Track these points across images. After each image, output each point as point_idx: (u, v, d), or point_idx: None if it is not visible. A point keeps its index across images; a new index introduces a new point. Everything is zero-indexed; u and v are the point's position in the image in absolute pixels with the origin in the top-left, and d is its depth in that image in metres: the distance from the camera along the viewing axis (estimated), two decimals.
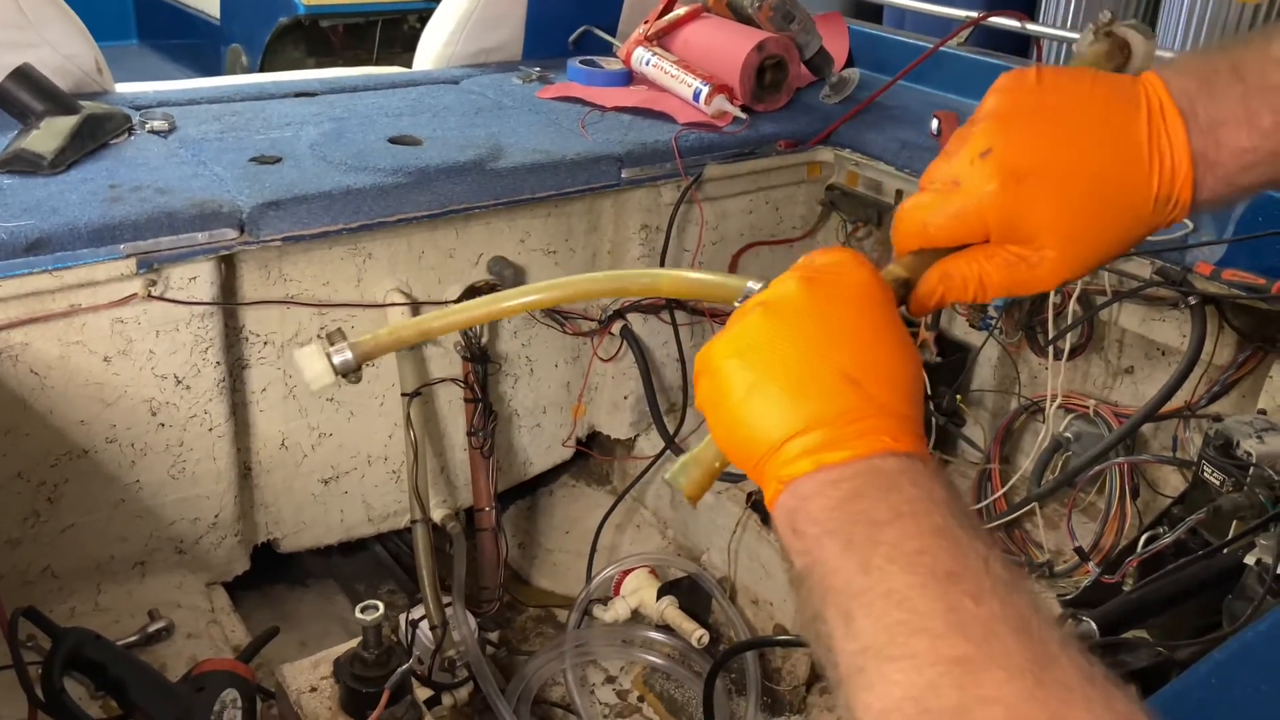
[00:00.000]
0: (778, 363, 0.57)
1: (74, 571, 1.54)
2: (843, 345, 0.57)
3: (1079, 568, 1.65)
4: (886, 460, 0.54)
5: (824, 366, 0.56)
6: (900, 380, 0.57)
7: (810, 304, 0.58)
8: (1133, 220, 0.61)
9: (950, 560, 0.49)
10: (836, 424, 0.55)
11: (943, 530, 0.51)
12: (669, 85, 2.00)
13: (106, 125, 1.62)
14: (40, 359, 1.40)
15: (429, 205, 1.62)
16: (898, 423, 0.55)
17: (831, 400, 0.55)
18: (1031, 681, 0.44)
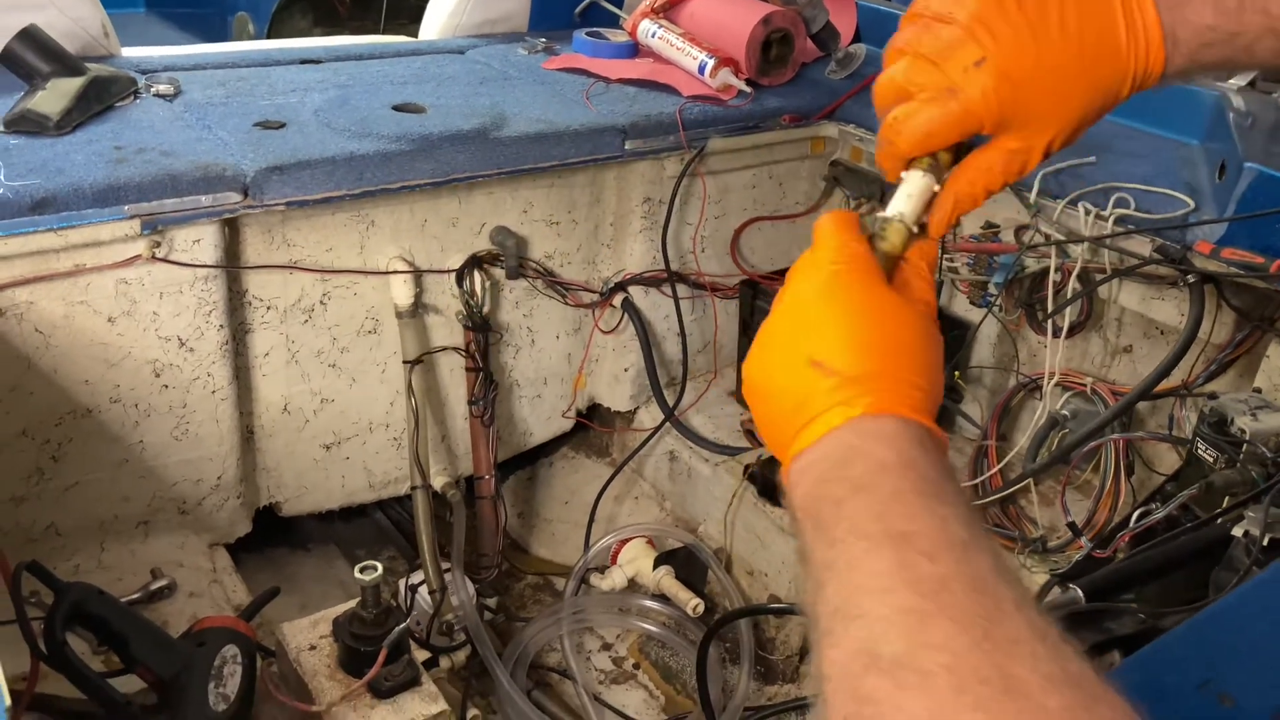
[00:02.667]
0: (766, 367, 0.63)
1: (78, 529, 1.56)
2: (809, 333, 0.61)
3: (1072, 543, 1.66)
4: (844, 433, 0.57)
5: (793, 359, 0.60)
6: (871, 345, 0.59)
7: (785, 303, 0.64)
8: (1112, 98, 0.66)
9: (905, 522, 0.51)
10: (802, 412, 0.59)
11: (899, 495, 0.53)
12: (674, 58, 2.00)
13: (112, 88, 1.62)
14: (45, 318, 1.41)
15: (432, 173, 1.63)
16: (863, 386, 0.58)
17: (797, 390, 0.60)
18: (979, 634, 0.45)
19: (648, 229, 1.94)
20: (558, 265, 1.92)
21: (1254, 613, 0.62)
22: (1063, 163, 1.72)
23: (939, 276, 1.85)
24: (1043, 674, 0.44)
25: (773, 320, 0.64)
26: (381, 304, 1.74)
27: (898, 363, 0.59)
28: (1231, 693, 0.57)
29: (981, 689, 0.43)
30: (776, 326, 0.63)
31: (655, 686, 1.82)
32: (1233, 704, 0.57)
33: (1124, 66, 0.64)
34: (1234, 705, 0.57)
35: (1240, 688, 0.58)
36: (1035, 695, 0.43)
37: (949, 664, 0.44)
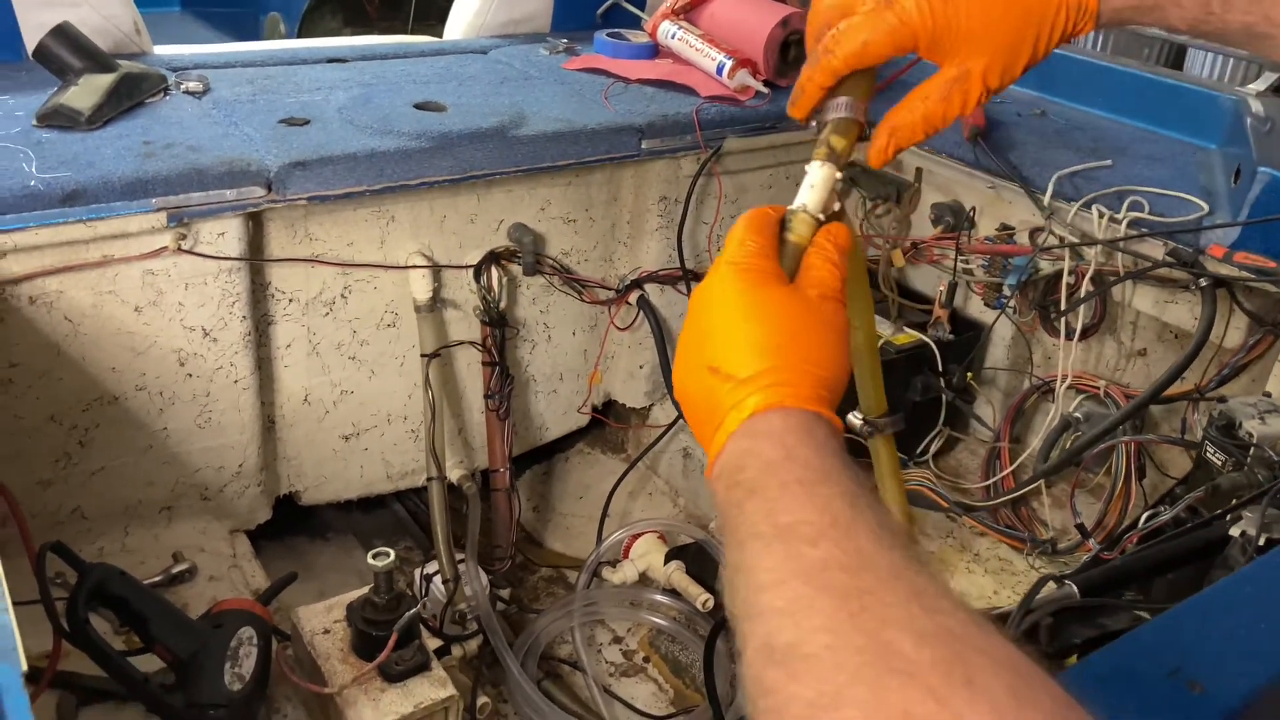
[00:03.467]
0: (680, 377, 0.66)
1: (103, 513, 1.60)
2: (705, 340, 0.64)
3: (1081, 545, 1.66)
4: (739, 437, 0.59)
5: (697, 367, 0.63)
6: (757, 344, 0.61)
7: (689, 310, 0.67)
8: (1047, 26, 0.68)
9: (790, 514, 0.53)
10: (711, 420, 0.62)
11: (785, 488, 0.55)
12: (693, 59, 2.02)
13: (143, 84, 1.67)
14: (74, 307, 1.46)
15: (451, 170, 1.66)
16: (752, 386, 0.60)
17: (704, 399, 0.63)
18: (856, 607, 0.47)
19: (664, 227, 1.97)
20: (574, 262, 1.95)
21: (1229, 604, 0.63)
22: (1079, 165, 1.73)
23: (953, 278, 1.86)
24: (916, 632, 0.45)
25: (683, 328, 0.67)
26: (401, 298, 1.77)
27: (785, 357, 0.61)
28: (1201, 680, 0.59)
29: (858, 660, 0.45)
30: (684, 335, 0.67)
31: (664, 680, 1.84)
32: (1202, 690, 0.58)
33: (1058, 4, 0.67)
34: (1203, 692, 0.58)
35: (1210, 676, 0.59)
36: (908, 654, 0.44)
37: (829, 643, 0.46)
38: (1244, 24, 0.67)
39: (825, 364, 0.62)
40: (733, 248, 0.67)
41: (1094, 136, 1.87)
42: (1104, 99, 2.00)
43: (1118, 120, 1.95)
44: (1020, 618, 0.88)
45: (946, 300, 1.89)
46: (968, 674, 0.43)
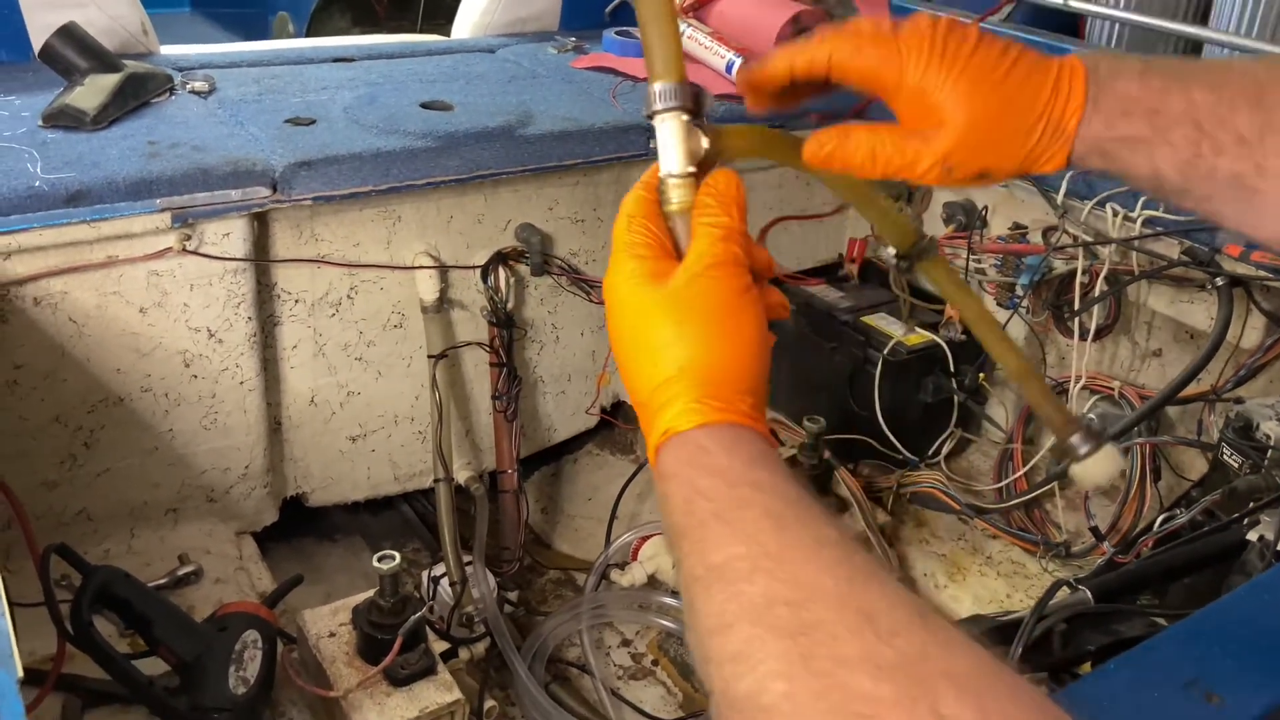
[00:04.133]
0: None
1: (108, 515, 1.59)
2: (617, 358, 0.62)
3: (1095, 548, 1.64)
4: (663, 461, 0.56)
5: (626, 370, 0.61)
6: (642, 360, 0.58)
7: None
8: (1023, 132, 0.64)
9: (716, 552, 0.51)
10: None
11: (704, 526, 0.52)
12: (702, 57, 2.01)
13: (148, 84, 1.66)
14: (79, 308, 1.45)
15: (457, 169, 1.65)
16: (651, 412, 0.58)
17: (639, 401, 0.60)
18: (806, 645, 0.45)
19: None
20: (582, 262, 1.94)
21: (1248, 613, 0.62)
22: None
23: (965, 277, 1.84)
24: (873, 666, 0.43)
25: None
26: (407, 299, 1.76)
27: (670, 366, 0.57)
28: (1219, 691, 0.57)
29: (817, 706, 0.43)
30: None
31: (673, 683, 1.82)
32: (1220, 702, 0.57)
33: (1043, 94, 0.64)
34: (1221, 704, 0.56)
35: (1229, 688, 0.57)
36: (869, 692, 0.42)
37: (786, 691, 0.44)
38: (1234, 173, 0.62)
39: (716, 355, 0.57)
40: (617, 245, 0.63)
41: None
42: None
43: None
44: (1033, 624, 0.86)
45: None
46: (933, 704, 0.41)
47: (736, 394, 0.57)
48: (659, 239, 0.62)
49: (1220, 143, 0.62)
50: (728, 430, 0.56)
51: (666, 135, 0.63)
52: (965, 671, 0.43)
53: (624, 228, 0.63)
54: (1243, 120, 0.61)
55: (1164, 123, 0.63)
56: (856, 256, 2.05)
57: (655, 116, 0.64)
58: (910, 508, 1.81)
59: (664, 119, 0.63)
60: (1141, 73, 0.64)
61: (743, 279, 0.60)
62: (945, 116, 0.63)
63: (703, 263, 0.59)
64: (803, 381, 1.98)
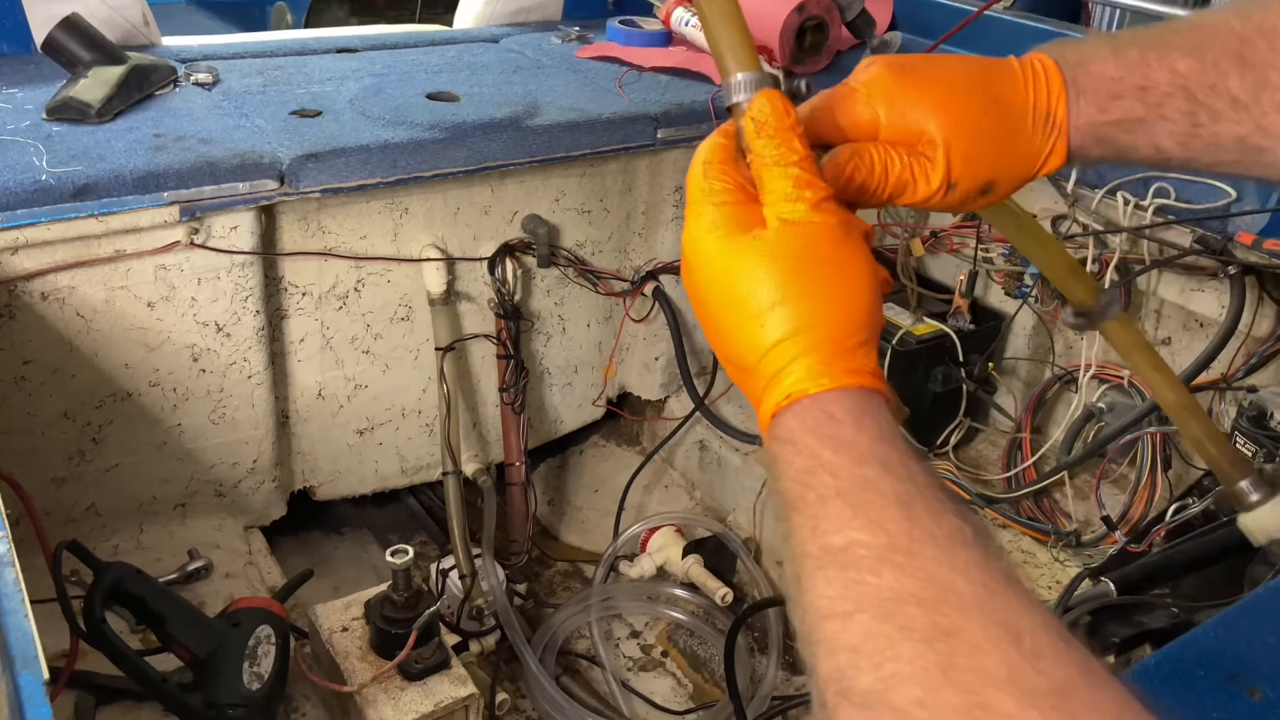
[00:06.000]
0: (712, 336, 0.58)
1: (117, 510, 1.59)
2: (705, 322, 0.56)
3: (1106, 537, 1.64)
4: (768, 444, 0.53)
5: (716, 349, 0.57)
6: (744, 320, 0.53)
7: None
8: (1015, 134, 0.62)
9: (837, 535, 0.47)
10: (750, 387, 0.55)
11: (825, 503, 0.48)
12: (707, 47, 1.99)
13: (152, 76, 1.65)
14: (86, 302, 1.44)
15: (464, 161, 1.64)
16: (761, 378, 0.53)
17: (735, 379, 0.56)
18: (945, 652, 0.42)
19: (679, 218, 1.94)
20: (589, 254, 1.93)
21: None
22: None
23: (973, 267, 1.83)
24: (1020, 690, 0.40)
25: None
26: (414, 291, 1.75)
27: (780, 327, 0.52)
28: (1261, 687, 0.57)
29: None
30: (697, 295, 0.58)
31: (683, 674, 1.83)
32: (1262, 698, 0.56)
33: (1022, 93, 0.61)
34: (1263, 699, 0.56)
35: (1270, 682, 0.57)
36: (1012, 713, 0.40)
37: (921, 699, 0.41)
38: (1236, 136, 0.60)
39: (836, 308, 0.52)
40: (694, 195, 0.57)
41: None
42: None
43: None
44: (1058, 616, 0.86)
45: (967, 290, 1.86)
46: None
47: (860, 351, 0.53)
48: (742, 185, 0.56)
49: (1216, 110, 0.60)
50: (858, 396, 0.51)
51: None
52: (1112, 708, 0.40)
53: (700, 174, 0.57)
54: (1234, 83, 0.59)
55: (1155, 98, 0.60)
56: None
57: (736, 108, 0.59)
58: None
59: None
60: (1113, 50, 0.61)
61: (841, 215, 0.55)
62: (933, 131, 0.60)
63: (797, 205, 0.54)
64: None
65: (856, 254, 0.54)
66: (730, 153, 0.57)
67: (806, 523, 0.48)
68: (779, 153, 0.55)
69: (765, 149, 0.56)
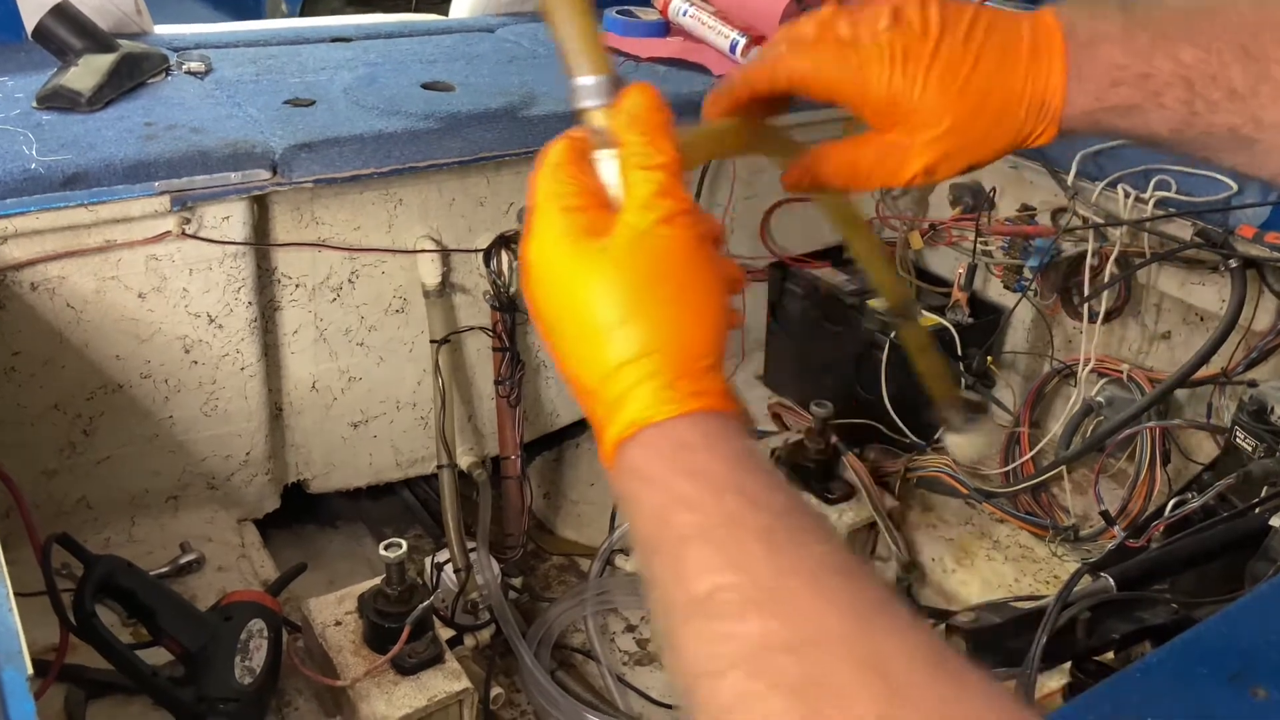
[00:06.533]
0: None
1: (108, 503, 1.57)
2: (547, 336, 0.54)
3: (1105, 532, 1.63)
4: (631, 459, 0.49)
5: (559, 364, 0.54)
6: (588, 336, 0.50)
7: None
8: (1005, 119, 0.60)
9: (700, 579, 0.44)
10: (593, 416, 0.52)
11: (685, 543, 0.46)
12: (705, 36, 1.98)
13: (144, 65, 1.63)
14: (76, 293, 1.42)
15: (460, 151, 1.62)
16: (606, 401, 0.49)
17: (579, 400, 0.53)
18: (815, 706, 0.41)
19: None
20: None
21: None
22: (1103, 143, 1.69)
23: (972, 260, 1.82)
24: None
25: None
26: (409, 283, 1.74)
27: (628, 344, 0.49)
28: (1264, 686, 0.56)
29: None
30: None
31: None
32: (1266, 696, 0.55)
33: (1021, 81, 0.59)
34: (1267, 698, 0.55)
35: (1274, 681, 0.56)
36: None
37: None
38: (1230, 126, 0.59)
39: (685, 327, 0.50)
40: (539, 198, 0.53)
41: None
42: None
43: None
44: (1058, 612, 0.85)
45: (965, 283, 1.85)
46: None
47: (709, 372, 0.50)
48: (593, 189, 0.53)
49: (1213, 100, 0.59)
50: (710, 420, 0.49)
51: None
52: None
53: (549, 177, 0.53)
54: (1235, 74, 0.58)
55: (1155, 86, 0.59)
56: None
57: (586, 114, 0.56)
58: (918, 492, 1.80)
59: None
60: (1125, 31, 0.59)
61: (697, 228, 0.51)
62: (919, 123, 0.59)
63: (649, 214, 0.50)
64: (809, 365, 1.97)
65: (709, 270, 0.51)
66: (581, 155, 0.54)
67: (669, 568, 0.46)
68: (646, 152, 0.52)
69: (636, 144, 0.53)
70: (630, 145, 0.53)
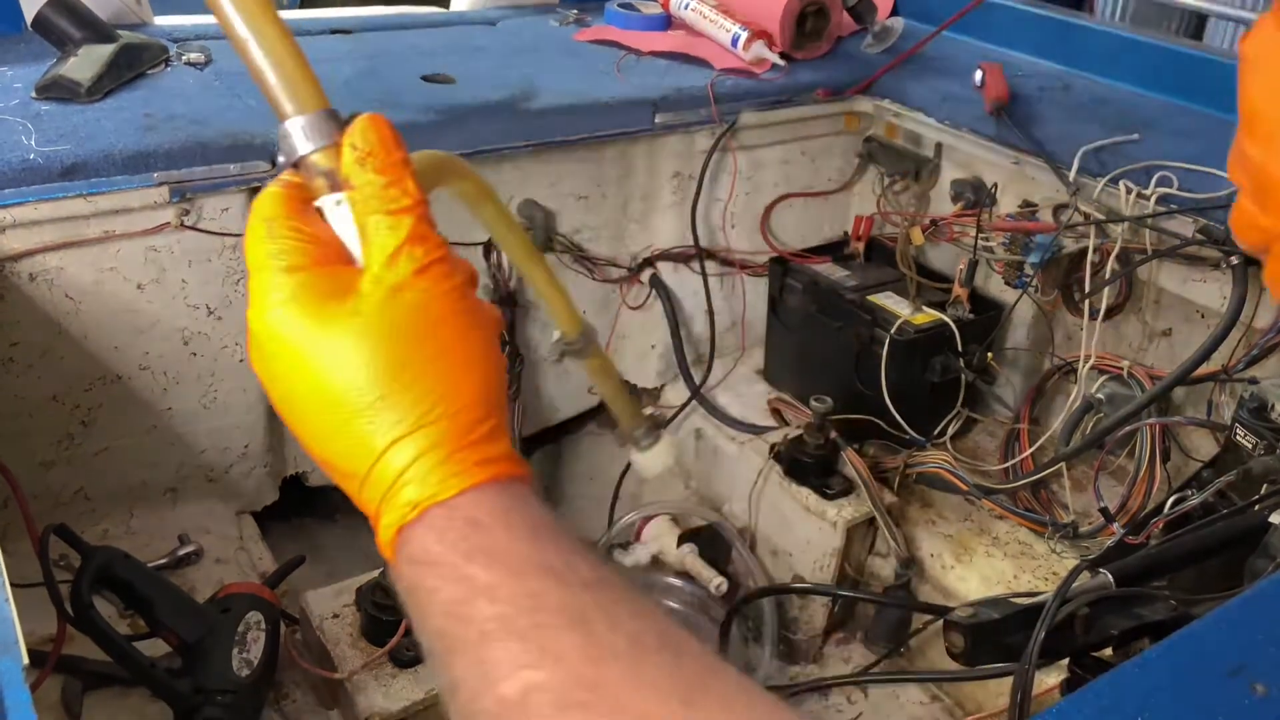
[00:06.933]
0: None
1: (107, 495, 1.57)
2: (289, 417, 0.51)
3: (1104, 529, 1.63)
4: (416, 545, 0.44)
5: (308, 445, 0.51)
6: (366, 416, 0.44)
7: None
8: None
9: (509, 680, 0.41)
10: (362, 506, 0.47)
11: (487, 639, 0.41)
12: (707, 30, 1.97)
13: (144, 55, 1.62)
14: (75, 284, 1.42)
15: (460, 144, 1.61)
16: (387, 479, 0.44)
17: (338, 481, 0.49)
18: None
19: (677, 204, 1.92)
20: (586, 240, 1.91)
21: None
22: (1105, 139, 1.68)
23: (973, 256, 1.82)
24: None
25: None
26: None
27: (401, 423, 0.43)
28: (1264, 682, 0.56)
29: None
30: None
31: None
32: (1265, 692, 0.55)
33: None
34: (1266, 694, 0.55)
35: (1274, 678, 0.56)
36: None
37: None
38: None
39: (460, 391, 0.43)
40: (257, 263, 0.45)
41: (1120, 110, 1.82)
42: (1130, 71, 1.95)
43: (1145, 93, 1.90)
44: (1056, 608, 0.85)
45: (966, 279, 1.85)
46: None
47: (493, 435, 0.44)
48: (322, 241, 0.46)
49: None
50: (499, 491, 0.44)
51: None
52: None
53: (263, 234, 0.46)
54: None
55: None
56: (863, 234, 2.03)
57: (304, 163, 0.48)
58: (917, 488, 1.80)
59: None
60: None
61: (455, 277, 0.45)
62: None
63: (400, 267, 0.43)
64: (808, 361, 1.96)
65: (474, 320, 0.46)
66: (300, 204, 0.47)
67: (473, 670, 0.41)
68: (388, 194, 0.45)
69: (372, 186, 0.45)
70: (365, 188, 0.46)
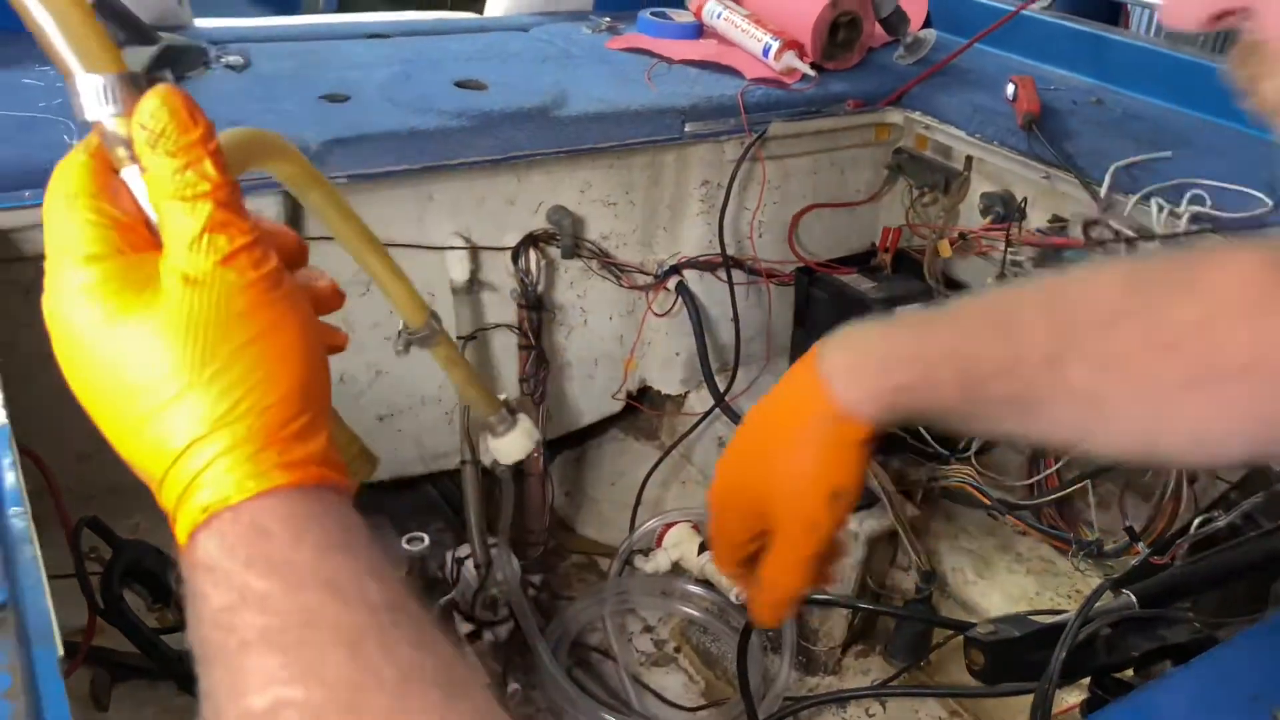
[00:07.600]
0: None
1: (138, 489, 1.58)
2: (85, 403, 0.47)
3: (1129, 548, 1.62)
4: (202, 549, 0.42)
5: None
6: (165, 413, 0.41)
7: None
8: None
9: (259, 692, 0.38)
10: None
11: (246, 650, 0.39)
12: (738, 39, 1.98)
13: (184, 58, 1.65)
14: None
15: (491, 150, 1.63)
16: (185, 479, 0.42)
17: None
18: None
19: (705, 213, 1.93)
20: (613, 246, 1.92)
21: None
22: (1137, 156, 1.67)
23: (1001, 271, 1.81)
24: None
25: None
26: (437, 279, 1.75)
27: (193, 420, 0.41)
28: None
29: None
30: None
31: (696, 671, 1.82)
32: None
33: None
34: None
35: None
36: None
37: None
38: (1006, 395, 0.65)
39: (267, 387, 0.41)
40: (55, 247, 0.41)
41: (1153, 126, 1.81)
42: (1164, 87, 1.93)
43: (1178, 109, 1.89)
44: (1078, 627, 0.84)
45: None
46: None
47: (305, 434, 0.42)
48: (127, 224, 0.42)
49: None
50: (300, 497, 0.41)
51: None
52: None
53: (64, 211, 0.41)
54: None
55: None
56: (890, 246, 2.03)
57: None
58: (941, 502, 1.79)
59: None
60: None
61: (265, 265, 0.43)
62: None
63: (200, 259, 0.40)
64: None
65: (288, 310, 0.43)
66: (105, 176, 0.43)
67: (224, 680, 0.38)
68: (182, 180, 0.42)
69: (165, 170, 0.41)
70: (159, 171, 0.42)
